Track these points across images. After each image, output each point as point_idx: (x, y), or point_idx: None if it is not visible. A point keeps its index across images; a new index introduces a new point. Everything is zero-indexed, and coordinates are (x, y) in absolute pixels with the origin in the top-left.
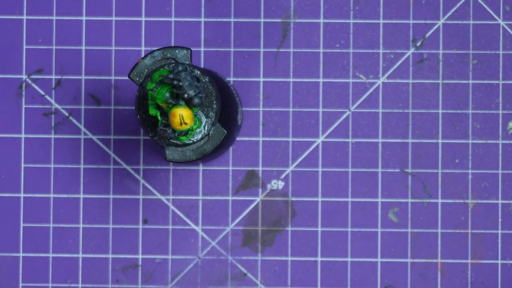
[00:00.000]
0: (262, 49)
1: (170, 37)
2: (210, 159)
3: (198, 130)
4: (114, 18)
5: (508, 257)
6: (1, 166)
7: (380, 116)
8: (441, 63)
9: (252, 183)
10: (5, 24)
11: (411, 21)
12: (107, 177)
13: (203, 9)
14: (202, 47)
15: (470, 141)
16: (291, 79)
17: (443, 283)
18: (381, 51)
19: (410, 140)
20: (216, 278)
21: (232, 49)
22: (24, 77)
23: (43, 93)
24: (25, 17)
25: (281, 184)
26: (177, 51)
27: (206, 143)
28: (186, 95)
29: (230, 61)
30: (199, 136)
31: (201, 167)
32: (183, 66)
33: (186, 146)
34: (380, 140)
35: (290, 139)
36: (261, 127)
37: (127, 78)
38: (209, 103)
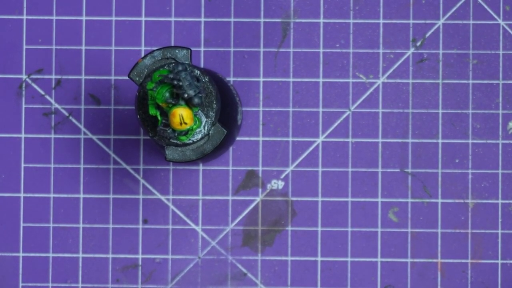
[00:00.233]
0: (262, 49)
1: (170, 37)
2: (210, 159)
3: (198, 130)
4: (114, 18)
5: (508, 257)
6: (1, 166)
7: (380, 116)
8: (441, 63)
9: (252, 183)
10: (5, 24)
11: (411, 21)
12: (107, 177)
13: (203, 9)
14: (202, 47)
15: (470, 141)
16: (291, 79)
17: (443, 283)
18: (381, 51)
19: (410, 140)
20: (216, 278)
21: (232, 49)
22: (24, 77)
23: (43, 93)
24: (25, 17)
25: (281, 184)
26: (177, 51)
27: (206, 143)
28: (186, 95)
29: (230, 61)
30: (199, 136)
31: (201, 167)
32: (183, 66)
33: (186, 146)
34: (380, 140)
35: (290, 139)
36: (261, 127)
37: (127, 78)
38: (209, 103)
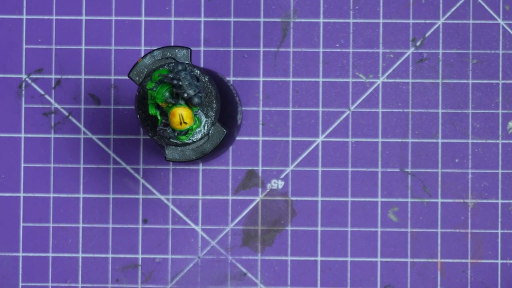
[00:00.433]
0: (262, 49)
1: (170, 37)
2: (210, 159)
3: (198, 130)
4: (114, 18)
5: (508, 257)
6: (1, 166)
7: (380, 116)
8: (441, 63)
9: (252, 183)
10: (5, 24)
11: (411, 21)
12: (107, 177)
13: (203, 9)
14: (202, 47)
15: (470, 141)
16: (291, 79)
17: (443, 283)
18: (381, 51)
19: (410, 140)
20: (216, 278)
21: (232, 49)
22: (24, 77)
23: (43, 93)
24: (25, 17)
25: (281, 184)
26: (177, 51)
27: (206, 143)
28: (186, 95)
29: (230, 61)
30: (199, 136)
31: (201, 167)
32: (183, 66)
33: (186, 146)
34: (380, 140)
35: (290, 139)
36: (261, 127)
37: (127, 78)
38: (209, 103)
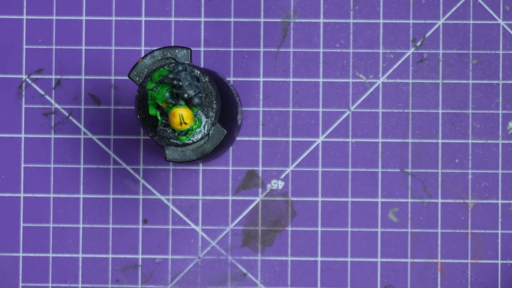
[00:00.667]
0: (262, 49)
1: (170, 37)
2: (210, 159)
3: (198, 130)
4: (114, 18)
5: (508, 257)
6: (1, 166)
7: (380, 116)
8: (441, 63)
9: (252, 183)
10: (5, 24)
11: (411, 21)
12: (107, 177)
13: (203, 9)
14: (202, 47)
15: (470, 141)
16: (291, 79)
17: (443, 283)
18: (381, 51)
19: (410, 140)
20: (216, 278)
21: (232, 49)
22: (24, 77)
23: (43, 93)
24: (25, 17)
25: (281, 184)
26: (177, 51)
27: (206, 143)
28: (186, 95)
29: (230, 61)
30: (199, 136)
31: (201, 167)
32: (183, 66)
33: (186, 146)
34: (380, 140)
35: (290, 139)
36: (261, 127)
37: (127, 78)
38: (209, 103)
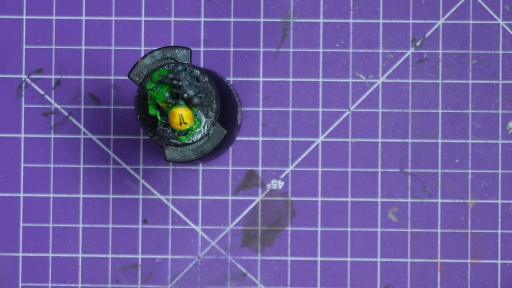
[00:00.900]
0: (262, 49)
1: (170, 37)
2: (210, 159)
3: (198, 130)
4: (114, 18)
5: (508, 257)
6: (1, 166)
7: (380, 116)
8: (441, 63)
9: (252, 183)
10: (5, 24)
11: (411, 21)
12: (107, 177)
13: (203, 9)
14: (202, 47)
15: (470, 141)
16: (291, 79)
17: (443, 283)
18: (381, 51)
19: (410, 140)
20: (216, 278)
21: (232, 49)
22: (24, 77)
23: (43, 93)
24: (25, 17)
25: (281, 184)
26: (177, 51)
27: (206, 143)
28: (186, 95)
29: (230, 61)
30: (199, 136)
31: (201, 167)
32: (183, 66)
33: (186, 146)
34: (380, 140)
35: (290, 139)
36: (261, 127)
37: (127, 78)
38: (209, 103)
